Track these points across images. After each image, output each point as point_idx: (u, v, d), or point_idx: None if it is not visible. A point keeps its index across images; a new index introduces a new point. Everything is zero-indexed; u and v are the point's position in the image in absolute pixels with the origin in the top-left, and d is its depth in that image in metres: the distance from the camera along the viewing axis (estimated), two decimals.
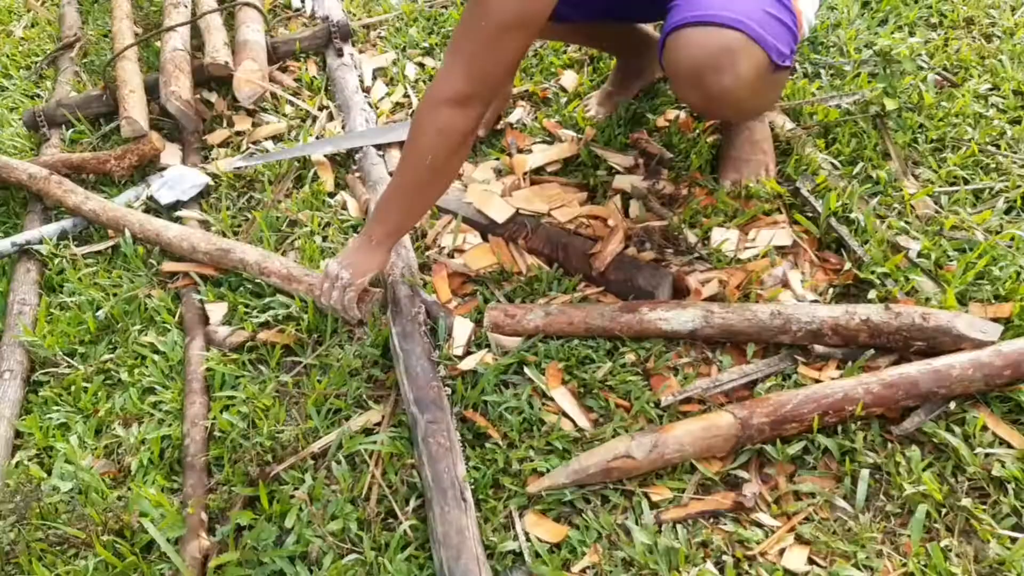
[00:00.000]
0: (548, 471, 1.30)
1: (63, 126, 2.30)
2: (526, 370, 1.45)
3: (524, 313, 1.50)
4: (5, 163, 2.01)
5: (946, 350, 1.32)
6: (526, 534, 1.24)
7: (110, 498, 1.37)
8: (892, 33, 2.13)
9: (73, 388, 1.59)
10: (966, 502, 1.18)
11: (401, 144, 2.03)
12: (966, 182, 1.70)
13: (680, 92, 1.46)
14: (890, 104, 1.79)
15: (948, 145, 1.79)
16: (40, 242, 1.88)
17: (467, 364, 1.47)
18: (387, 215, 1.49)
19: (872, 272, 1.49)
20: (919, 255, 1.53)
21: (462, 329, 1.52)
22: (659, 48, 1.42)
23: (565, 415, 1.39)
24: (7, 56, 2.74)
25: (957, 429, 1.27)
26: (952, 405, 1.28)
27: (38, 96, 2.53)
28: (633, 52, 1.94)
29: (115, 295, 1.74)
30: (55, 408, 1.56)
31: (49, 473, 1.45)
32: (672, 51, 1.37)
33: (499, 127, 2.04)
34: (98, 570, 1.28)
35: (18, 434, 1.54)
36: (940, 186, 1.69)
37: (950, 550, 1.15)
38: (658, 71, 1.99)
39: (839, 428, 1.29)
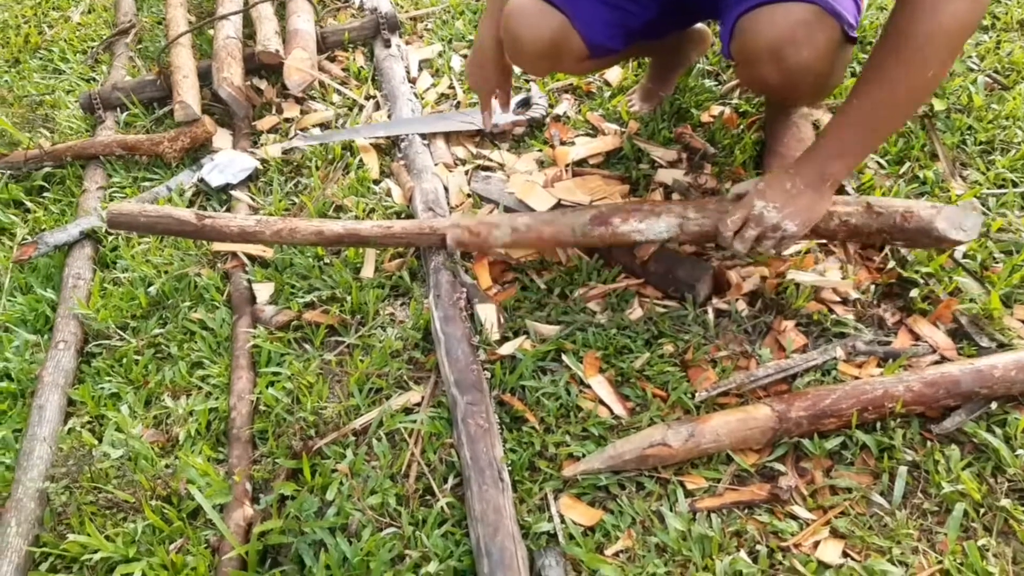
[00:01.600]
0: (584, 456, 1.32)
1: (118, 109, 2.37)
2: (564, 357, 1.47)
3: (489, 229, 1.45)
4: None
5: (926, 248, 1.33)
6: (560, 516, 1.26)
7: (158, 466, 1.42)
8: None
9: (124, 360, 1.64)
10: (1005, 503, 1.18)
11: (446, 135, 2.07)
12: (1015, 185, 1.69)
13: (756, 74, 1.41)
14: (938, 105, 1.78)
15: (997, 147, 1.77)
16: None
17: (506, 349, 1.49)
18: (855, 145, 1.29)
19: (916, 271, 1.49)
20: (964, 256, 1.52)
21: (487, 313, 1.54)
22: (726, 38, 1.42)
23: (602, 403, 1.41)
24: (64, 41, 2.82)
25: (998, 430, 1.26)
26: (994, 405, 1.28)
27: (94, 80, 2.61)
28: (667, 49, 1.94)
29: (166, 273, 1.79)
30: (107, 379, 1.62)
31: (100, 440, 1.50)
32: (748, 33, 1.36)
33: (545, 120, 2.05)
34: (146, 533, 1.32)
35: (71, 402, 1.60)
36: (988, 188, 1.67)
37: (987, 549, 1.14)
38: (692, 59, 1.99)
39: (878, 425, 1.29)
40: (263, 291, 1.71)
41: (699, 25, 1.88)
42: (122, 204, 1.76)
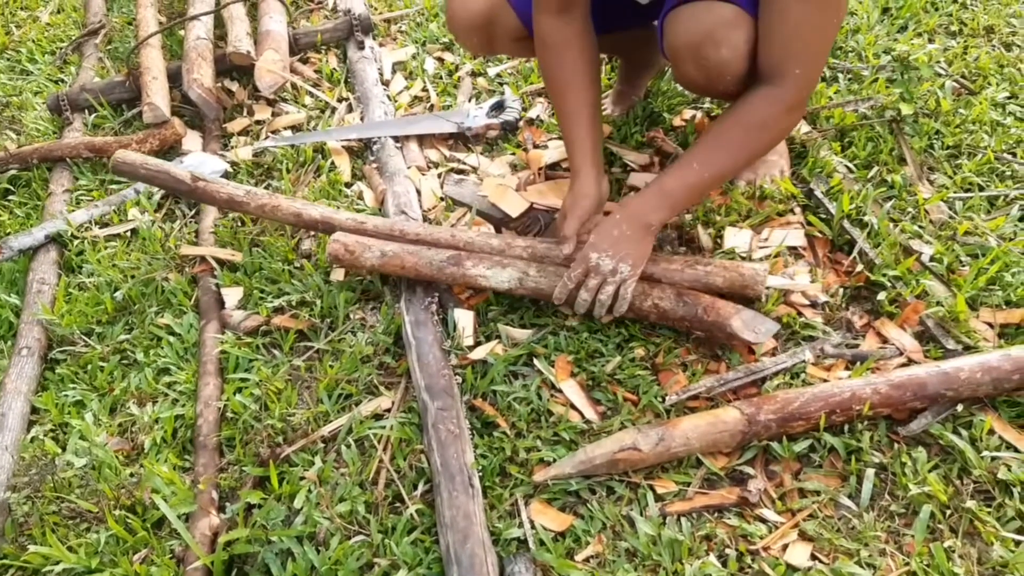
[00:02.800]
0: (555, 461, 1.31)
1: (86, 111, 2.33)
2: (535, 362, 1.46)
3: (362, 251, 1.58)
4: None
5: (719, 340, 1.45)
6: (531, 522, 1.25)
7: (123, 474, 1.40)
8: (911, 39, 2.13)
9: (89, 367, 1.61)
10: (971, 504, 1.19)
11: (419, 137, 2.06)
12: (981, 188, 1.70)
13: (681, 71, 1.46)
14: (906, 109, 1.80)
15: (964, 152, 1.79)
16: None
17: (477, 354, 1.48)
18: (683, 202, 1.42)
19: (883, 275, 1.50)
20: (931, 259, 1.53)
21: (464, 320, 1.53)
22: (659, 35, 1.45)
23: (573, 407, 1.40)
24: (33, 41, 2.78)
25: (964, 432, 1.27)
26: (960, 408, 1.29)
27: (62, 81, 2.57)
28: (634, 48, 1.94)
29: (133, 277, 1.77)
30: (71, 386, 1.59)
31: (64, 449, 1.47)
32: (671, 30, 1.41)
33: (519, 124, 2.05)
34: (109, 544, 1.30)
35: (34, 410, 1.57)
36: (955, 192, 1.69)
37: (953, 551, 1.15)
38: (660, 61, 2.00)
39: (846, 427, 1.30)
40: (232, 296, 1.69)
41: None
42: (127, 152, 1.78)
